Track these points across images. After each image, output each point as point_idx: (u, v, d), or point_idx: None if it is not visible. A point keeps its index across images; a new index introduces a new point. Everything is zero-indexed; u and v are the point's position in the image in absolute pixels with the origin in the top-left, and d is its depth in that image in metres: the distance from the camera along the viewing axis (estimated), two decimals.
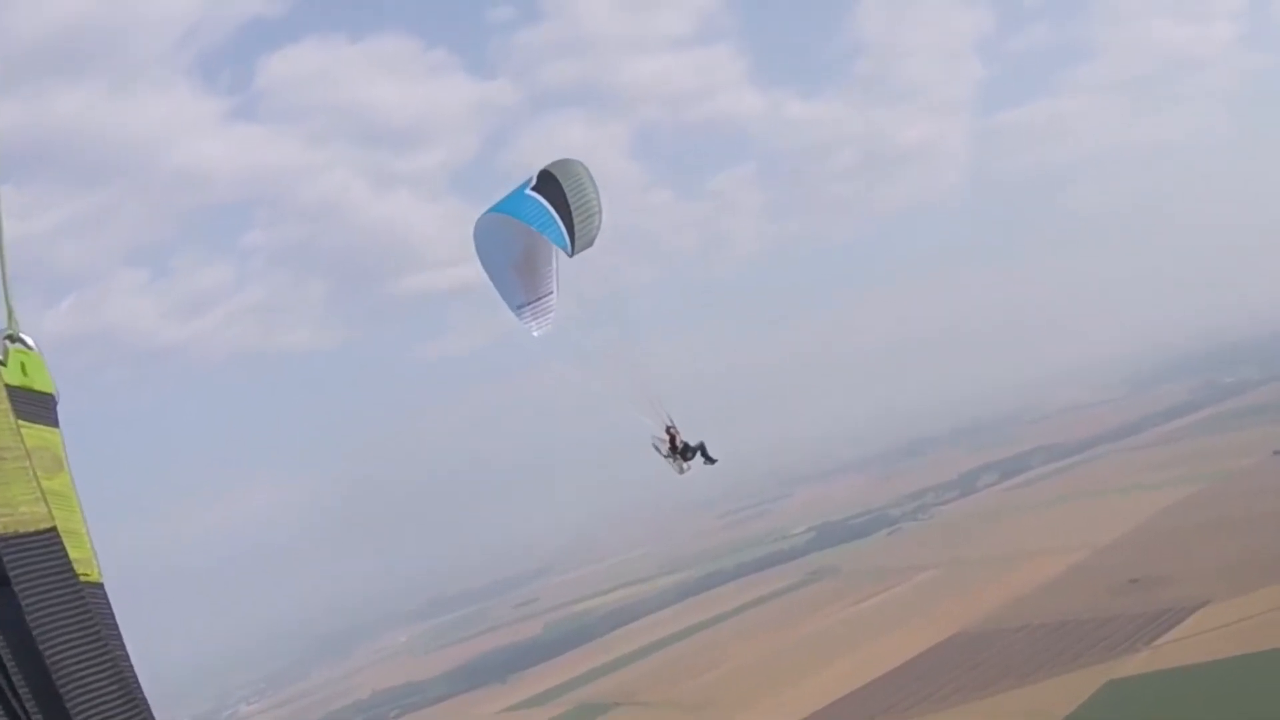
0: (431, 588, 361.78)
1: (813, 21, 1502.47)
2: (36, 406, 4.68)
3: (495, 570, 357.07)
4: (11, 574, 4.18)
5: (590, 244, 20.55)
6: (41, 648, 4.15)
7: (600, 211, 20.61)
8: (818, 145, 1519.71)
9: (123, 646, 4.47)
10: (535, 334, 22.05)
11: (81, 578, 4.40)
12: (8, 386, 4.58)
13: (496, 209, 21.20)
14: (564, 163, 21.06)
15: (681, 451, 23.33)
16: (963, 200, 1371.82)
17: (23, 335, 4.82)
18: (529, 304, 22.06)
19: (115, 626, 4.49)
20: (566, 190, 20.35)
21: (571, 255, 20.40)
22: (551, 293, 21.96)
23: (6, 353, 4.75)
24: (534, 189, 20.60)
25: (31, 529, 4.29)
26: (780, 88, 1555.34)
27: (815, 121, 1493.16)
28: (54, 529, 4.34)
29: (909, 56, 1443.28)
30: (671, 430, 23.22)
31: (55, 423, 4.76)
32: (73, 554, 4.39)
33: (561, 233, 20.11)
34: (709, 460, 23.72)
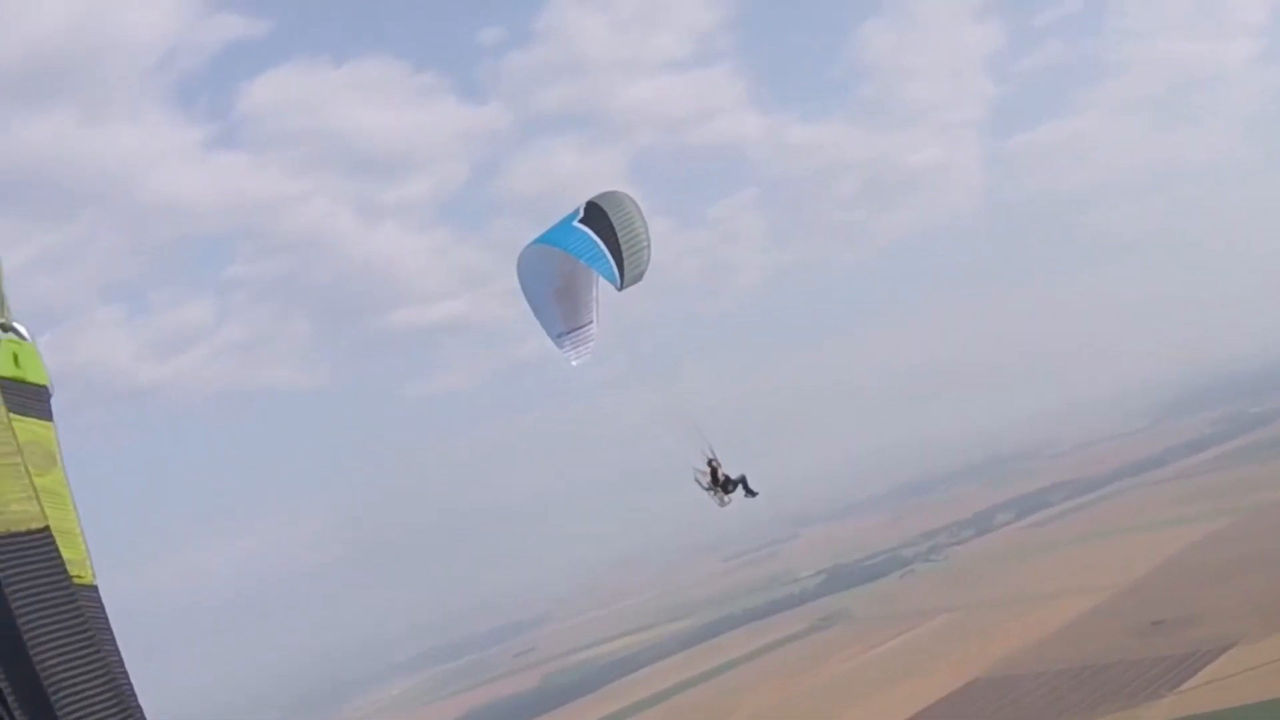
0: (427, 636, 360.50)
1: (815, 41, 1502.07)
2: (28, 399, 4.64)
3: (493, 617, 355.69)
4: (1, 575, 4.08)
5: (639, 278, 21.08)
6: (31, 653, 4.06)
7: (649, 245, 21.09)
8: (822, 170, 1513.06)
9: (117, 652, 4.39)
10: (574, 363, 22.60)
11: (75, 580, 4.31)
12: None
13: (543, 240, 21.78)
14: (611, 195, 21.57)
15: (723, 484, 23.83)
16: (974, 225, 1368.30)
17: (15, 324, 4.76)
18: (568, 333, 22.61)
19: (109, 631, 4.43)
20: (615, 223, 20.84)
21: (620, 289, 20.89)
22: (591, 322, 22.46)
23: None
24: (581, 221, 21.08)
25: (23, 528, 4.20)
26: (782, 110, 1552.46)
27: (819, 145, 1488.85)
28: (47, 528, 4.27)
29: (916, 76, 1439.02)
30: (714, 463, 23.77)
31: (49, 416, 4.72)
32: (66, 554, 4.31)
33: (611, 266, 20.61)
34: (750, 493, 24.22)
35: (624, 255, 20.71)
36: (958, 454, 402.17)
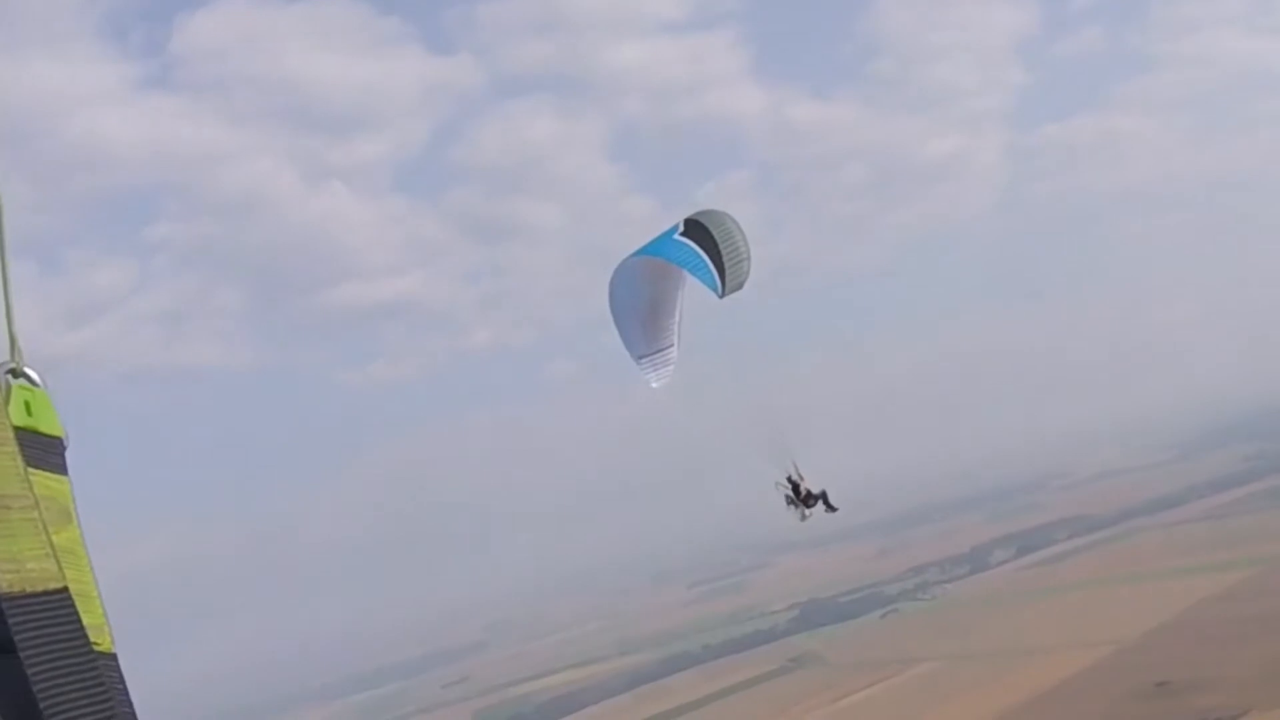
0: (346, 660, 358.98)
1: (827, 10, 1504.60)
2: (42, 451, 4.65)
3: (424, 641, 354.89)
4: (17, 639, 4.08)
5: (740, 287, 23.75)
6: None
7: (749, 258, 23.80)
8: (826, 154, 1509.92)
9: None
10: (654, 385, 25.46)
11: (93, 646, 4.32)
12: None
13: (644, 252, 24.42)
14: (710, 212, 24.26)
15: (805, 499, 26.20)
16: (992, 227, 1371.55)
17: (27, 369, 4.78)
18: (649, 355, 25.49)
19: (130, 704, 4.42)
20: (716, 237, 23.51)
21: (722, 297, 23.54)
22: (672, 345, 25.58)
23: (8, 389, 4.69)
24: (682, 234, 23.78)
25: (40, 588, 4.21)
26: (785, 85, 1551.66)
27: (824, 126, 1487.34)
28: (65, 589, 4.28)
29: (938, 56, 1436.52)
30: (794, 478, 26.16)
31: (63, 469, 4.71)
32: (85, 619, 4.32)
33: (712, 274, 23.29)
34: (830, 509, 26.61)
35: (725, 265, 23.29)
36: (957, 481, 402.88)
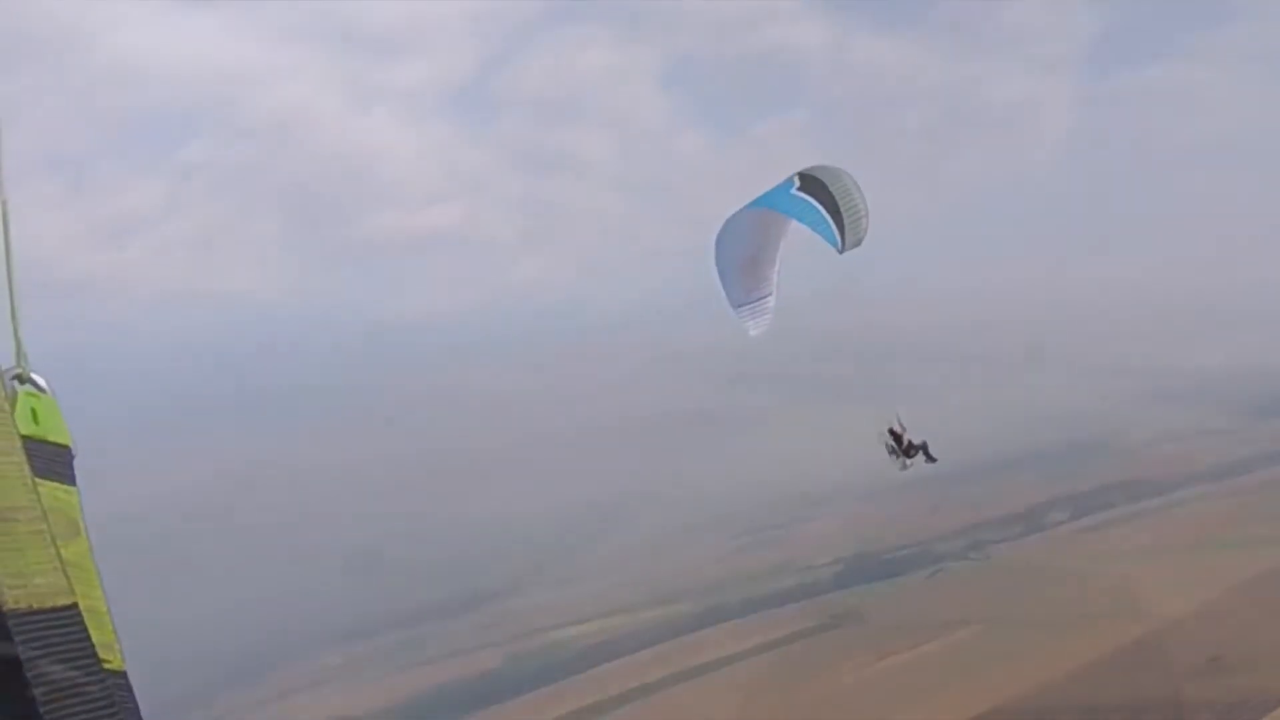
0: (376, 599, 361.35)
1: None
2: (50, 460, 4.80)
3: (454, 582, 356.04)
4: (25, 657, 4.12)
5: (859, 244, 25.80)
6: None
7: (867, 214, 25.74)
8: (888, 94, 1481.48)
9: None
10: (752, 333, 27.85)
11: (103, 665, 4.37)
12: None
13: (760, 204, 26.43)
14: (826, 168, 26.15)
15: (906, 449, 29.25)
16: (1059, 174, 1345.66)
17: (34, 376, 5.01)
18: (748, 304, 27.97)
19: None
20: (834, 193, 25.42)
21: (842, 253, 25.56)
22: (770, 295, 28.01)
23: (15, 396, 4.85)
24: (799, 190, 25.63)
25: (48, 604, 4.27)
26: (849, 19, 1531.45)
27: (887, 65, 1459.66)
28: (75, 605, 4.34)
29: None
30: (896, 430, 29.19)
31: (71, 480, 4.89)
32: (94, 637, 4.37)
33: (833, 230, 25.26)
34: (930, 459, 30.03)
35: (845, 222, 25.26)
36: (1014, 439, 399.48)
